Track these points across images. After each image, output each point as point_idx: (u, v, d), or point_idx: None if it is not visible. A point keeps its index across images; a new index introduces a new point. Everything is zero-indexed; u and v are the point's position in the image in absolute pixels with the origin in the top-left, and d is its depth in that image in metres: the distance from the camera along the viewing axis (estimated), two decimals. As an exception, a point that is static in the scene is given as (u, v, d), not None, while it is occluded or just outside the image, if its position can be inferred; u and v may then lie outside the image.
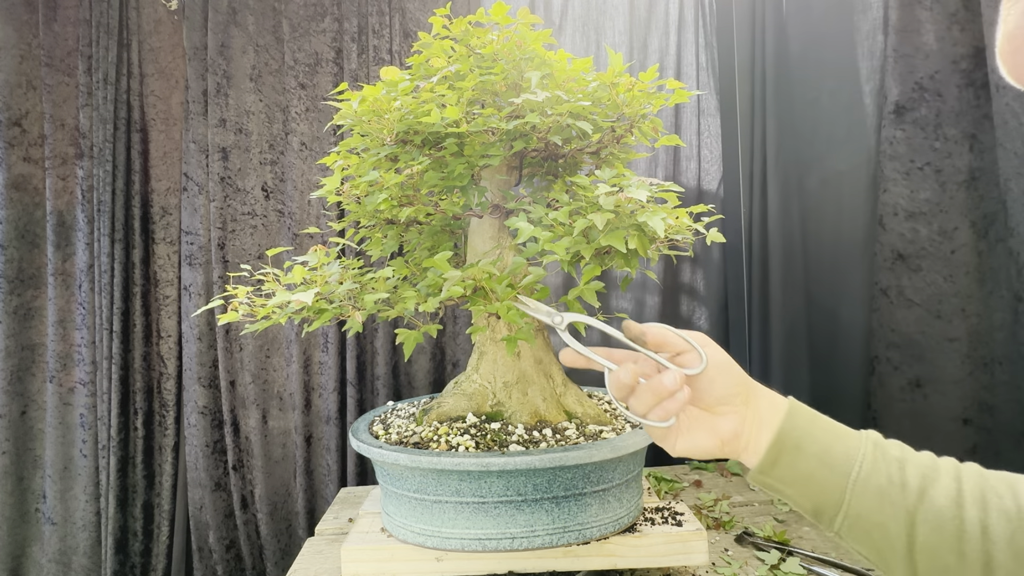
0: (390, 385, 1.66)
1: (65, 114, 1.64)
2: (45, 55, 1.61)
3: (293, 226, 1.66)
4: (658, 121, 1.00)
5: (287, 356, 1.69)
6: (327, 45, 1.65)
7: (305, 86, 1.65)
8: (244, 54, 1.64)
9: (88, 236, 1.63)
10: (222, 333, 1.64)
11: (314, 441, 1.68)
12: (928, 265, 1.17)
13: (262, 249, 1.67)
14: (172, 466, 1.68)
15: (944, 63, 1.13)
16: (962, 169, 1.14)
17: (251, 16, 1.64)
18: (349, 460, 1.66)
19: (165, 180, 1.67)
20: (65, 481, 1.65)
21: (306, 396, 1.67)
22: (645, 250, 0.86)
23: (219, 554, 1.66)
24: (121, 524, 1.64)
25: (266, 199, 1.67)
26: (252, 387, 1.65)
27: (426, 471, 0.91)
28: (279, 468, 1.69)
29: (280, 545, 1.69)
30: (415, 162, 0.95)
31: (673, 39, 1.72)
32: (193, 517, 1.67)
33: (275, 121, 1.67)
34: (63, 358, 1.64)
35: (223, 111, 1.63)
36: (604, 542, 0.95)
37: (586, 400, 1.08)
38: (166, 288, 1.67)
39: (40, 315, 1.65)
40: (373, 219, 1.05)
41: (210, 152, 1.63)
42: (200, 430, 1.65)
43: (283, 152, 1.67)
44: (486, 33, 0.98)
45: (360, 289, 0.95)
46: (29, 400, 1.64)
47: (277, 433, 1.69)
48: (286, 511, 1.70)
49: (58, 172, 1.63)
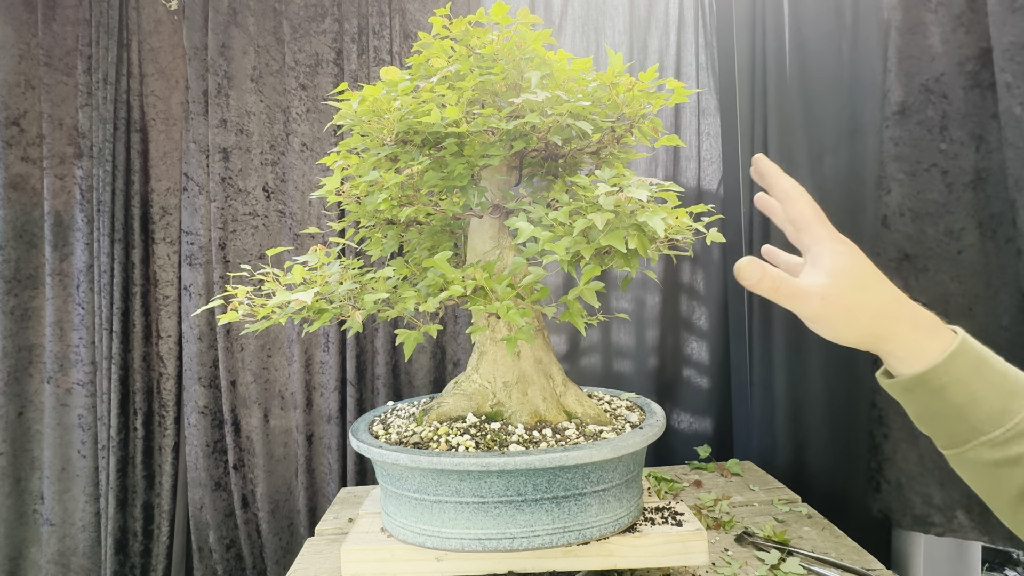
0: (390, 385, 1.66)
1: (64, 114, 1.63)
2: (44, 55, 1.61)
3: (294, 226, 1.66)
4: (658, 121, 1.00)
5: (288, 356, 1.69)
6: (327, 46, 1.66)
7: (306, 87, 1.65)
8: (245, 55, 1.65)
9: (88, 236, 1.63)
10: (223, 333, 1.64)
11: (315, 440, 1.68)
12: (935, 265, 1.17)
13: (263, 249, 1.67)
14: (172, 466, 1.68)
15: (950, 65, 1.13)
16: (968, 170, 1.13)
17: (252, 17, 1.64)
18: (349, 459, 1.66)
19: (165, 180, 1.67)
20: (63, 482, 1.64)
21: (307, 395, 1.67)
22: (645, 250, 0.86)
23: (219, 554, 1.66)
24: (121, 524, 1.64)
25: (267, 199, 1.67)
26: (254, 386, 1.65)
27: (426, 471, 0.91)
28: (280, 467, 1.69)
29: (281, 544, 1.69)
30: (415, 162, 0.95)
31: (673, 39, 1.72)
32: (193, 517, 1.67)
33: (276, 122, 1.67)
34: (60, 359, 1.64)
35: (224, 111, 1.63)
36: (604, 542, 0.95)
37: (586, 400, 1.08)
38: (166, 288, 1.67)
39: (38, 315, 1.65)
40: (373, 219, 1.05)
41: (211, 152, 1.63)
42: (200, 430, 1.65)
43: (284, 152, 1.67)
44: (486, 33, 0.98)
45: (360, 289, 0.95)
46: (27, 401, 1.64)
47: (278, 432, 1.69)
48: (287, 510, 1.70)
49: (56, 172, 1.63)
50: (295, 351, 1.67)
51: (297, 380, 1.65)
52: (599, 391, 1.25)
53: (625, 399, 1.20)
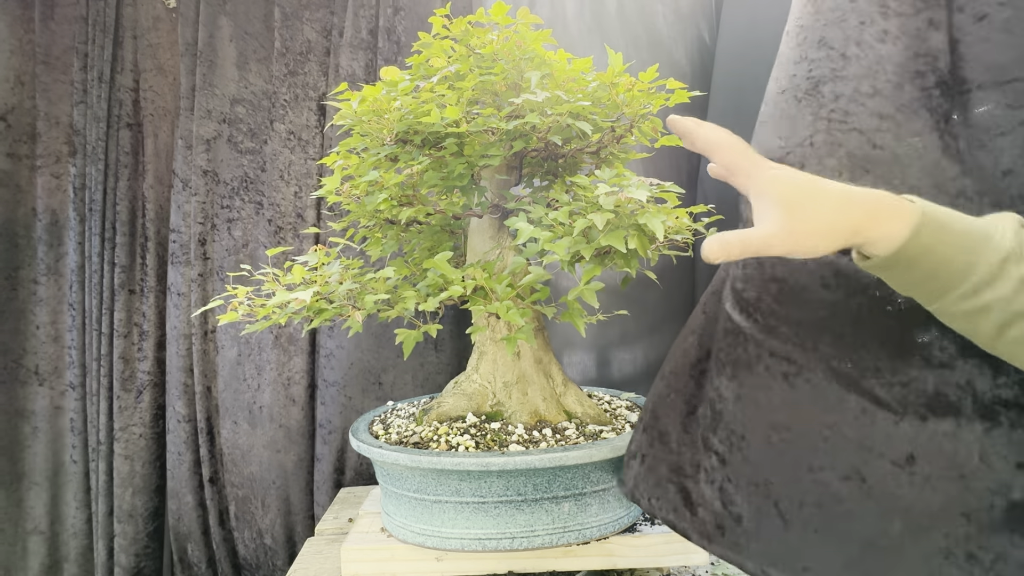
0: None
1: (60, 112, 1.61)
2: (43, 53, 1.59)
3: (276, 218, 1.60)
4: (658, 121, 1.00)
5: (258, 364, 1.63)
6: (319, 33, 1.60)
7: (296, 73, 1.59)
8: (231, 42, 1.59)
9: (79, 236, 1.59)
10: (199, 335, 1.57)
11: (295, 451, 1.65)
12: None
13: (239, 244, 1.60)
14: (159, 473, 1.65)
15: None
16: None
17: (241, 5, 1.59)
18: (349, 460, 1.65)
19: (159, 178, 1.64)
20: (54, 488, 1.62)
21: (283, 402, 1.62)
22: (645, 250, 0.86)
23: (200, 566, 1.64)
24: (111, 531, 1.61)
25: (245, 190, 1.59)
26: (226, 393, 1.61)
27: (426, 471, 0.91)
28: (256, 479, 1.66)
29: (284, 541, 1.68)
30: (415, 162, 0.95)
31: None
32: (172, 528, 1.64)
33: (260, 109, 1.60)
34: (54, 360, 1.61)
35: (209, 101, 1.57)
36: (604, 542, 0.95)
37: (586, 400, 1.09)
38: (157, 288, 1.63)
39: (26, 316, 1.61)
40: (373, 219, 1.05)
41: (194, 145, 1.57)
42: (177, 436, 1.61)
43: (267, 141, 1.60)
44: (486, 33, 0.98)
45: (360, 289, 0.95)
46: (16, 405, 1.61)
47: (253, 443, 1.64)
48: (262, 524, 1.67)
49: (51, 171, 1.60)
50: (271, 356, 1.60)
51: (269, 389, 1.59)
52: (599, 391, 1.26)
53: (625, 399, 1.21)
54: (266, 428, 1.59)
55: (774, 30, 1.00)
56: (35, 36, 1.60)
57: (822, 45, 0.73)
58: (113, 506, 1.61)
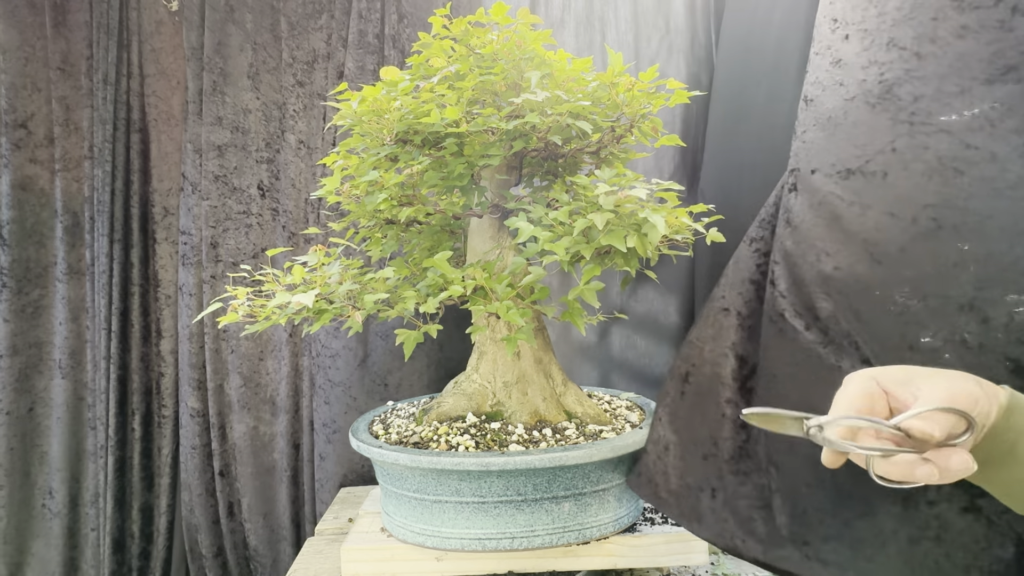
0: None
1: (78, 117, 1.65)
2: (59, 60, 1.62)
3: (289, 225, 1.64)
4: (658, 121, 1.00)
5: (278, 358, 1.66)
6: (324, 42, 1.63)
7: (303, 83, 1.63)
8: (242, 52, 1.63)
9: (89, 236, 1.63)
10: (212, 334, 1.61)
11: (302, 447, 1.68)
12: None
13: (257, 248, 1.64)
14: (171, 468, 1.67)
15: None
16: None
17: (249, 14, 1.63)
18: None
19: (167, 180, 1.67)
20: (73, 479, 1.66)
21: (295, 400, 1.66)
22: (645, 249, 0.86)
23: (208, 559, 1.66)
24: (119, 525, 1.64)
25: (262, 197, 1.64)
26: (243, 390, 1.64)
27: (426, 471, 0.91)
28: (267, 475, 1.69)
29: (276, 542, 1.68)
30: (415, 162, 0.95)
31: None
32: (185, 520, 1.66)
33: (272, 119, 1.65)
34: (76, 354, 1.65)
35: (219, 108, 1.61)
36: (604, 542, 0.95)
37: (586, 400, 1.08)
38: (168, 288, 1.67)
39: (47, 313, 1.66)
40: (373, 219, 1.05)
41: (204, 150, 1.61)
42: (190, 432, 1.63)
43: (279, 150, 1.65)
44: (486, 33, 0.98)
45: (360, 289, 0.95)
46: (36, 397, 1.65)
47: (266, 438, 1.67)
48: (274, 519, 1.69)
49: (72, 175, 1.65)
50: (285, 353, 1.64)
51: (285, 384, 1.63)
52: (599, 391, 1.25)
53: (625, 399, 1.20)
54: (271, 424, 1.64)
55: (774, 31, 1.00)
56: (48, 43, 1.63)
57: (891, 46, 0.69)
58: (125, 498, 1.65)
